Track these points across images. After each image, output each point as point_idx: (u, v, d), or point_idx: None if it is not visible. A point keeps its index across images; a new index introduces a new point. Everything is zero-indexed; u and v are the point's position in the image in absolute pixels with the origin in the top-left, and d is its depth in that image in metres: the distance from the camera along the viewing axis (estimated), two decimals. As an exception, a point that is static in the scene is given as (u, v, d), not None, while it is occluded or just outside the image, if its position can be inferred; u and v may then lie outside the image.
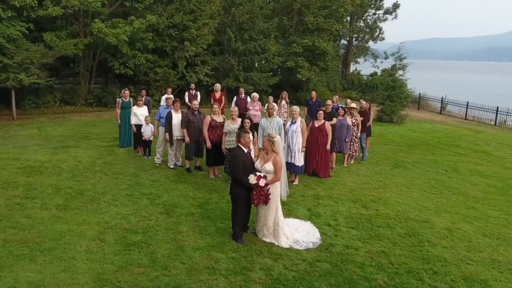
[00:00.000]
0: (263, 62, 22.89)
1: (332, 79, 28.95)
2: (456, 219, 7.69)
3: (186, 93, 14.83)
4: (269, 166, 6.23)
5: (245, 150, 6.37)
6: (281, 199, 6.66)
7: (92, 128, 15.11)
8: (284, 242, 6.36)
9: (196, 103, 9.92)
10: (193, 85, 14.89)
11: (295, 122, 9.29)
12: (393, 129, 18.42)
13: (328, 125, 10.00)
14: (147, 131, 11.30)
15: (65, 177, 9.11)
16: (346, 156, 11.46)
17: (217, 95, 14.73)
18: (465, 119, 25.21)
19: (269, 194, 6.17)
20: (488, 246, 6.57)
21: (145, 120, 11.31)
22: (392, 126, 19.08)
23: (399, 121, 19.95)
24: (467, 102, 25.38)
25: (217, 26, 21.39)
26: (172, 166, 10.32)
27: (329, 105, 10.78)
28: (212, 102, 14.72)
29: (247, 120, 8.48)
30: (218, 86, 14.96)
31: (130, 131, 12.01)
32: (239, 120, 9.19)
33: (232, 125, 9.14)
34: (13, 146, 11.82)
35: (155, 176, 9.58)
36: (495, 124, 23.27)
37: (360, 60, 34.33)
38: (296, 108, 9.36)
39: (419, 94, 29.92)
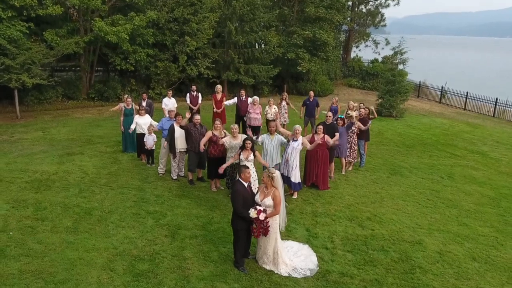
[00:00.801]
0: (264, 54, 22.86)
1: (333, 67, 28.92)
2: (447, 239, 8.06)
3: (188, 94, 15.01)
4: (268, 200, 6.54)
5: (245, 184, 6.66)
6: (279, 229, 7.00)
7: (95, 130, 15.35)
8: (283, 270, 6.73)
9: (198, 117, 10.13)
10: (194, 87, 15.05)
11: (297, 139, 9.54)
12: (391, 125, 18.64)
13: (327, 138, 10.24)
14: (149, 141, 11.56)
15: (73, 192, 9.44)
16: (345, 162, 11.76)
17: (218, 96, 14.96)
18: (464, 109, 25.41)
19: (269, 226, 6.51)
20: (476, 273, 6.95)
21: (148, 130, 11.54)
22: (391, 122, 19.29)
23: (398, 115, 20.16)
24: (467, 93, 25.50)
25: (217, 20, 21.30)
26: (175, 177, 10.65)
27: (329, 116, 10.97)
28: (213, 104, 14.99)
29: (248, 142, 8.72)
30: (219, 87, 15.16)
31: (133, 138, 12.27)
32: (240, 136, 9.45)
33: (234, 142, 9.40)
34: (19, 154, 12.11)
35: (159, 189, 9.91)
36: (493, 116, 23.49)
37: (361, 46, 34.18)
38: (298, 127, 9.58)
39: (419, 82, 30.04)
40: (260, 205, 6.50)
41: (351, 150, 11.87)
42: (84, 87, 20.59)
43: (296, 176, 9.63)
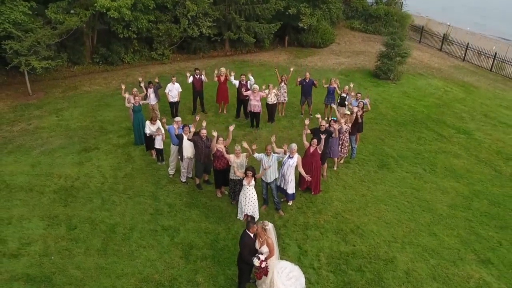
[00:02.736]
0: (265, 11, 22.62)
1: (334, 11, 28.35)
2: (416, 256, 9.59)
3: (191, 77, 15.61)
4: (265, 248, 7.95)
5: (251, 235, 7.98)
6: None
7: (105, 111, 16.29)
8: (277, 295, 8.39)
9: (204, 132, 11.10)
10: (198, 70, 15.61)
11: (292, 157, 10.63)
12: (387, 93, 19.34)
13: (321, 148, 11.30)
14: (158, 140, 12.64)
15: (96, 204, 10.87)
16: (337, 160, 12.95)
17: (222, 78, 15.69)
18: (464, 60, 25.66)
19: (268, 271, 8.02)
20: (433, 295, 8.61)
21: (156, 132, 12.54)
22: (388, 88, 19.94)
23: (395, 79, 20.69)
24: (467, 44, 25.52)
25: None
26: (184, 180, 11.98)
27: (323, 125, 11.83)
28: (218, 84, 15.76)
29: (250, 172, 9.84)
30: (222, 70, 15.81)
31: (142, 131, 13.31)
32: (242, 155, 10.55)
33: (237, 160, 10.52)
34: (40, 151, 13.30)
35: (170, 197, 11.31)
36: (491, 70, 23.89)
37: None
38: (294, 146, 10.59)
39: (422, 26, 29.70)
40: (261, 253, 7.93)
41: (343, 147, 12.96)
42: (88, 52, 20.94)
43: (291, 188, 10.92)
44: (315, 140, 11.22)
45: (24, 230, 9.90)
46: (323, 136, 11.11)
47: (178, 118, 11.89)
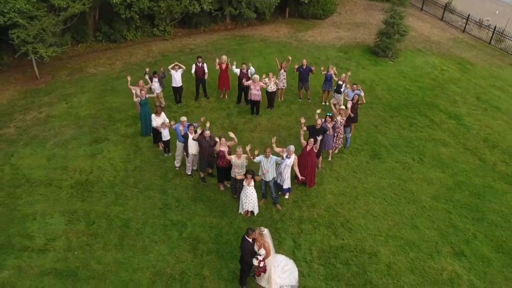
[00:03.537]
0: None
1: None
2: (397, 249, 10.79)
3: (193, 65, 16.15)
4: (262, 251, 9.11)
5: (250, 241, 9.08)
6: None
7: (111, 97, 16.99)
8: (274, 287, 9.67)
9: (208, 132, 11.94)
10: (200, 58, 16.11)
11: (290, 157, 11.55)
12: (384, 73, 19.83)
13: (316, 147, 12.18)
14: (165, 133, 13.51)
15: (110, 199, 11.97)
16: (331, 151, 13.87)
17: (223, 66, 16.27)
18: (464, 31, 25.76)
19: (265, 268, 9.22)
20: (410, 287, 9.85)
21: (162, 126, 13.36)
22: (385, 67, 20.39)
23: (393, 56, 21.07)
24: (468, 15, 25.48)
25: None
26: (190, 173, 13.00)
27: (319, 124, 12.60)
28: (219, 72, 16.36)
29: (250, 175, 10.81)
30: (224, 58, 16.33)
31: (149, 124, 14.15)
32: (243, 156, 11.47)
33: (238, 160, 11.47)
34: (54, 143, 14.22)
35: (177, 190, 12.38)
36: (489, 43, 24.10)
37: None
38: (292, 148, 11.47)
39: (425, -6, 29.35)
40: (260, 255, 9.09)
41: (337, 138, 13.82)
42: (91, 30, 21.23)
43: (287, 184, 11.95)
44: (311, 140, 12.06)
45: (48, 226, 11.07)
46: (319, 138, 11.95)
47: (183, 118, 12.66)
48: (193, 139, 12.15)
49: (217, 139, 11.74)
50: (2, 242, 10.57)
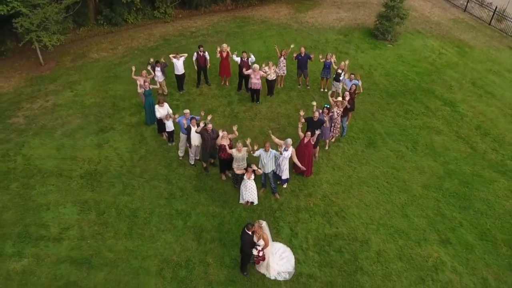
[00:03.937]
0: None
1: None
2: (387, 237, 11.57)
3: (195, 54, 16.50)
4: (261, 242, 9.89)
5: (250, 233, 9.83)
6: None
7: (115, 84, 17.43)
8: (272, 274, 10.49)
9: (210, 126, 12.50)
10: (202, 48, 16.43)
11: (287, 150, 12.16)
12: (383, 57, 20.10)
13: (313, 140, 12.76)
14: (169, 124, 14.08)
15: (118, 189, 12.68)
16: (328, 141, 14.46)
17: (224, 54, 16.64)
18: (465, 10, 25.75)
19: (264, 257, 10.04)
20: (397, 273, 10.66)
21: (165, 117, 13.91)
22: (384, 51, 20.62)
23: (393, 40, 21.26)
24: (469, -5, 25.41)
25: None
26: (193, 162, 13.66)
27: (316, 116, 13.13)
28: (220, 60, 16.73)
29: (250, 169, 11.46)
30: (224, 46, 16.66)
31: (153, 113, 14.69)
32: (244, 149, 12.07)
33: (238, 154, 12.09)
34: (62, 132, 14.82)
35: (182, 180, 13.08)
36: (489, 23, 24.17)
37: None
38: (289, 141, 12.06)
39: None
40: (259, 245, 9.87)
41: (334, 128, 14.37)
42: (92, 13, 21.38)
43: (286, 175, 12.62)
44: (309, 133, 12.63)
45: (61, 216, 11.84)
46: (317, 132, 12.52)
47: (186, 110, 13.17)
48: (195, 131, 12.73)
49: (220, 133, 12.31)
50: (20, 231, 11.37)
